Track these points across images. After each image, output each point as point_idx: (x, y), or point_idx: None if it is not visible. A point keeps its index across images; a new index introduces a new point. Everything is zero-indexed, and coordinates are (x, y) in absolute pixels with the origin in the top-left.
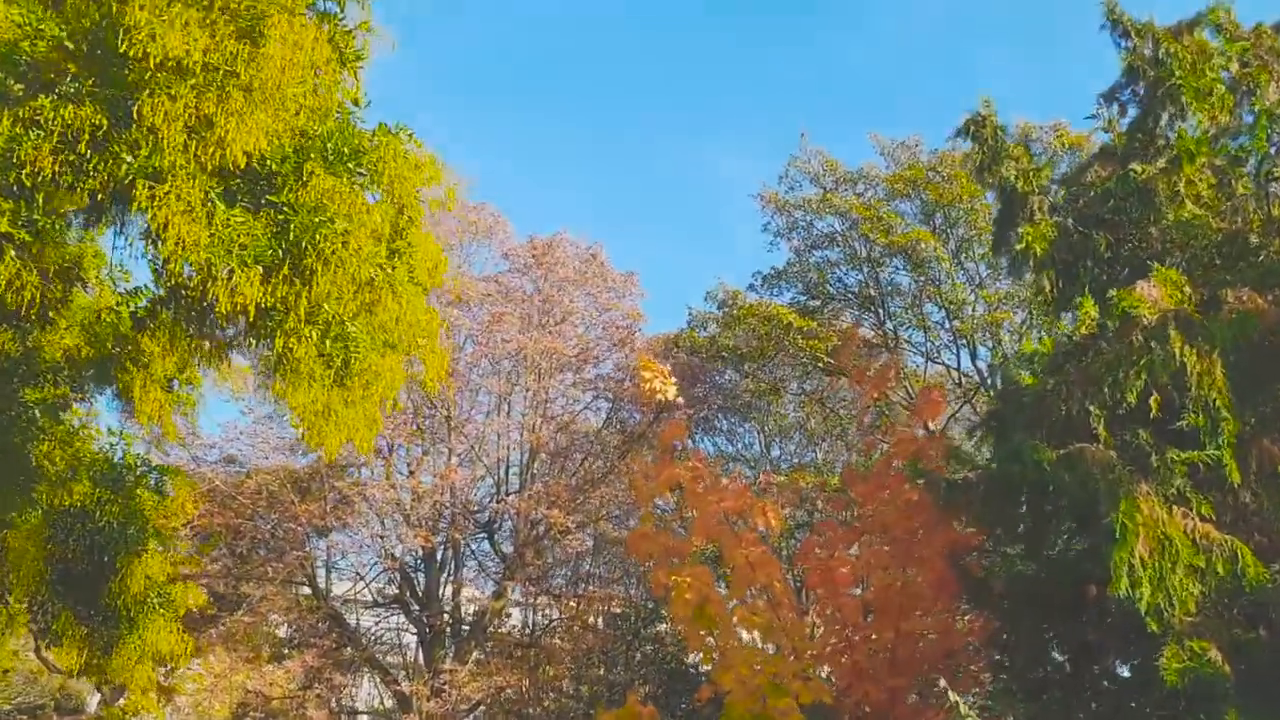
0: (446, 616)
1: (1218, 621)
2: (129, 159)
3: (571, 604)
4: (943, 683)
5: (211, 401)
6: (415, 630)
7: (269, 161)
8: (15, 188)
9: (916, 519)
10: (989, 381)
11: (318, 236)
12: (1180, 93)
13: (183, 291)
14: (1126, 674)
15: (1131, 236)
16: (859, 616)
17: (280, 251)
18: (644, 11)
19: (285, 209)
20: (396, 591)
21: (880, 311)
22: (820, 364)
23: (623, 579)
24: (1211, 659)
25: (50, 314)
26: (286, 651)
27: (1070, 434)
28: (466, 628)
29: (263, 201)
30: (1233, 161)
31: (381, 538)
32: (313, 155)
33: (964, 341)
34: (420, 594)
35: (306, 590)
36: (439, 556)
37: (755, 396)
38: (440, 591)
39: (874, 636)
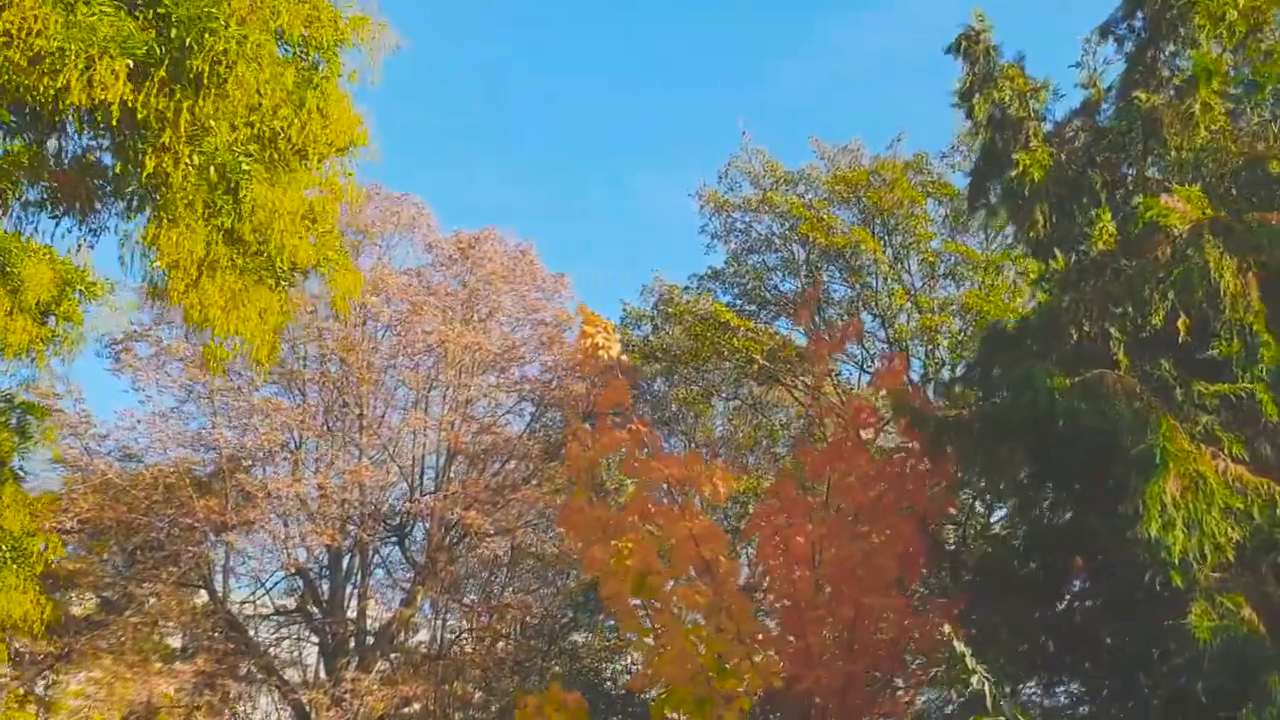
0: (351, 626)
1: (1249, 578)
2: None
3: (481, 617)
4: (947, 628)
5: (109, 391)
6: (317, 640)
7: None
8: None
9: (876, 486)
10: (924, 392)
11: (206, 34)
12: (1193, 12)
13: (29, 96)
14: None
15: (1125, 180)
16: (813, 593)
17: (159, 50)
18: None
19: (165, 3)
20: (298, 602)
21: (816, 319)
22: (755, 368)
23: (538, 590)
24: (1246, 617)
25: None
26: (179, 662)
27: (1082, 362)
28: (372, 638)
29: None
30: (1249, 88)
31: (284, 539)
32: None
33: (899, 349)
34: (324, 602)
35: (203, 596)
36: (345, 563)
37: (684, 405)
38: (345, 601)
39: (830, 616)
